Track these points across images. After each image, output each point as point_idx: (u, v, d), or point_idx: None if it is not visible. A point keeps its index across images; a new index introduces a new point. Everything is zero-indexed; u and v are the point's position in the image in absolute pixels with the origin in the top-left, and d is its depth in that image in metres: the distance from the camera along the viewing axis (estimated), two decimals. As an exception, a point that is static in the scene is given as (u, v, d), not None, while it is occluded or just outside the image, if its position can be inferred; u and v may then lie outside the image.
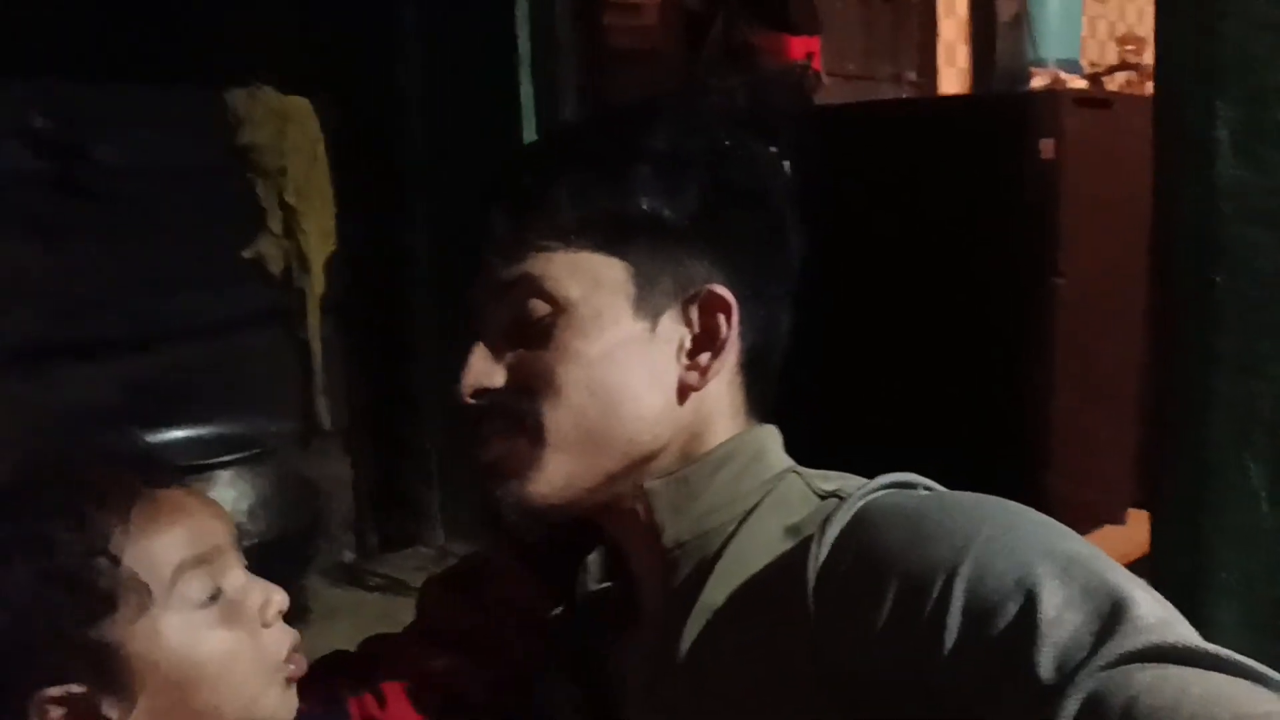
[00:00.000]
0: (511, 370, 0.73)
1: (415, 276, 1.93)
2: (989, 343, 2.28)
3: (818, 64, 2.67)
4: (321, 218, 1.91)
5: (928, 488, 0.71)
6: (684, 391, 0.74)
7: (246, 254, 1.80)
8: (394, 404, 1.99)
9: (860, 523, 0.65)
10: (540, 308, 0.72)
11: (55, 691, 0.65)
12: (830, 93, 2.75)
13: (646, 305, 0.73)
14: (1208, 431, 0.93)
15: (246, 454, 1.58)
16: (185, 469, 1.55)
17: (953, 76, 3.44)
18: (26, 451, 0.74)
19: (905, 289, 2.31)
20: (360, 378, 2.01)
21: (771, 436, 0.78)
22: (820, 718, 0.63)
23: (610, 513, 0.75)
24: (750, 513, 0.73)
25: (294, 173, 1.84)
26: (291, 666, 0.72)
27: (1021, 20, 3.18)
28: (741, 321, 0.74)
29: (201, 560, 0.69)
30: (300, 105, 1.83)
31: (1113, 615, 0.55)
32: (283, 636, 0.72)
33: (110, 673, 0.66)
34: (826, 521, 0.66)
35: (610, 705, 0.77)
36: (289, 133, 1.84)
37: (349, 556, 1.82)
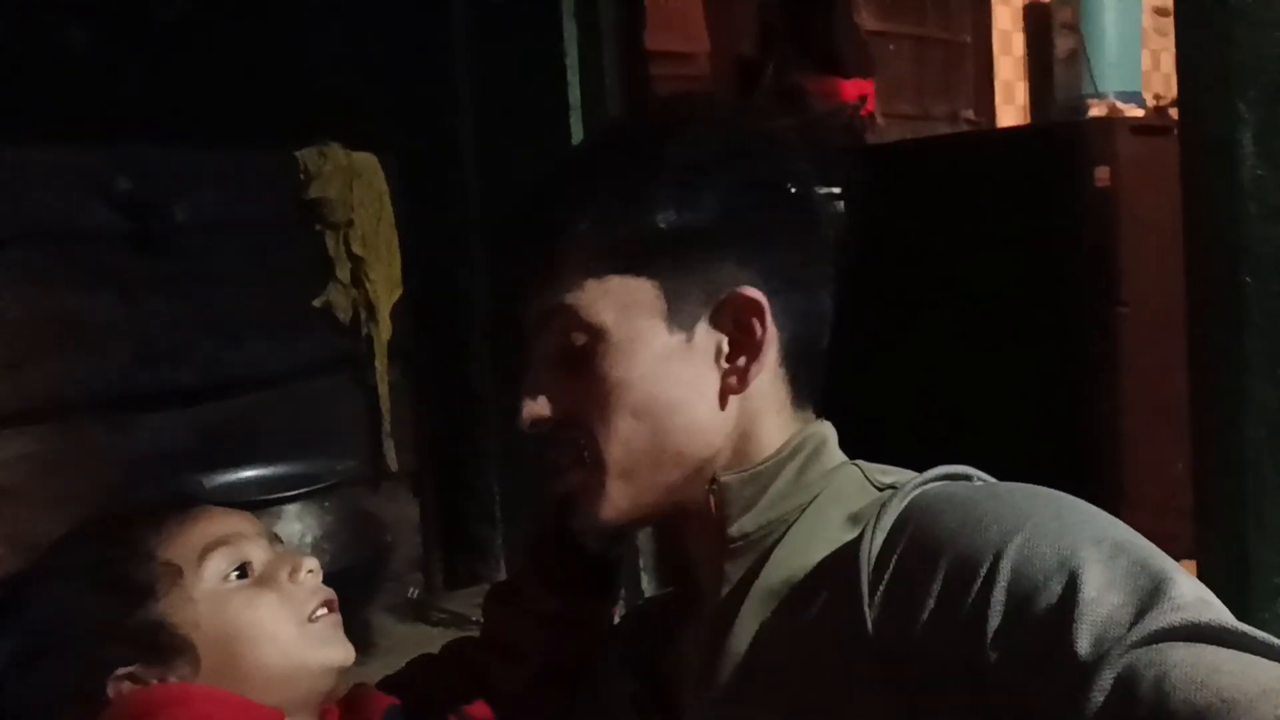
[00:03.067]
0: (560, 400, 0.75)
1: (475, 321, 1.99)
2: (1054, 375, 2.25)
3: (871, 106, 2.70)
4: (388, 267, 1.98)
5: (981, 479, 0.73)
6: (726, 396, 0.75)
7: (316, 303, 1.87)
8: (457, 446, 2.04)
9: (914, 510, 0.67)
10: (579, 337, 0.74)
11: (123, 671, 0.76)
12: (886, 134, 2.77)
13: (679, 318, 0.74)
14: (1242, 433, 0.92)
15: (314, 489, 1.62)
16: (257, 503, 1.61)
17: (1011, 114, 3.44)
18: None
19: (968, 324, 2.30)
20: (425, 421, 2.07)
21: (830, 431, 0.79)
22: (874, 702, 0.64)
23: (677, 513, 0.77)
24: (810, 504, 0.74)
25: (361, 224, 1.92)
26: (323, 610, 0.81)
27: (1078, 55, 3.17)
28: (777, 315, 0.75)
29: (224, 541, 0.80)
30: (367, 160, 1.92)
31: (1151, 595, 0.56)
32: (314, 593, 0.81)
33: (163, 646, 0.77)
34: (882, 509, 0.68)
35: (668, 698, 0.78)
36: (356, 187, 1.92)
37: (415, 594, 1.86)
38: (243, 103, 1.71)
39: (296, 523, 1.49)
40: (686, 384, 0.75)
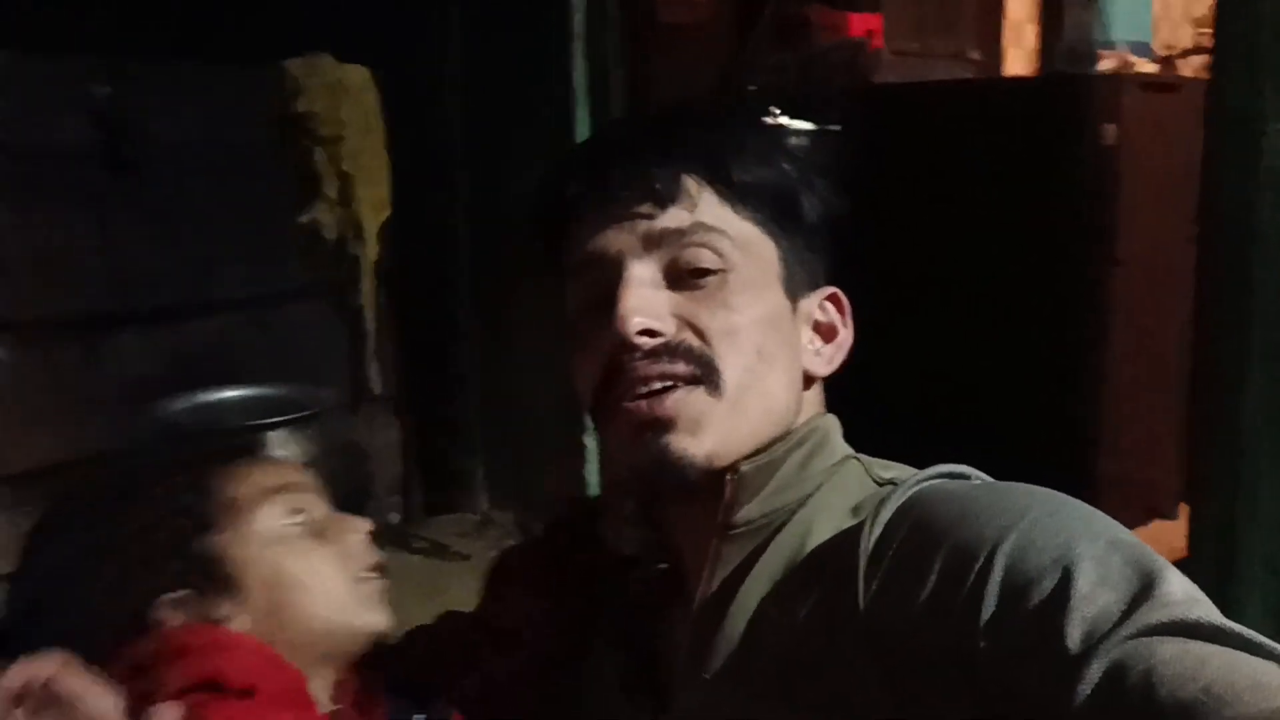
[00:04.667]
0: (676, 318, 0.72)
1: (458, 247, 1.95)
2: (1044, 329, 2.24)
3: (879, 41, 2.63)
4: (376, 186, 1.93)
5: (980, 478, 0.73)
6: (808, 377, 0.77)
7: (302, 220, 1.82)
8: (439, 372, 2.01)
9: (913, 504, 0.68)
10: (710, 259, 0.73)
11: (172, 595, 0.77)
12: (891, 71, 2.71)
13: (790, 288, 0.76)
14: (1242, 419, 0.91)
15: (297, 416, 1.61)
16: (237, 430, 1.59)
17: (1019, 57, 3.37)
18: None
19: (961, 273, 2.28)
20: (407, 348, 2.04)
21: (835, 424, 0.80)
22: (866, 688, 0.65)
23: (695, 490, 0.74)
24: (812, 494, 0.74)
25: (350, 141, 1.86)
26: (372, 573, 0.82)
27: (1090, 0, 3.10)
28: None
29: (282, 489, 0.82)
30: (358, 74, 1.85)
31: (1142, 591, 0.56)
32: (366, 554, 0.82)
33: (215, 578, 0.78)
34: (882, 502, 0.68)
35: (657, 678, 0.78)
36: (346, 101, 1.86)
37: (395, 519, 1.85)
38: (227, 11, 1.64)
39: (280, 450, 1.48)
40: (790, 349, 0.76)
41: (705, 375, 0.71)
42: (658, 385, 0.71)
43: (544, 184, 0.77)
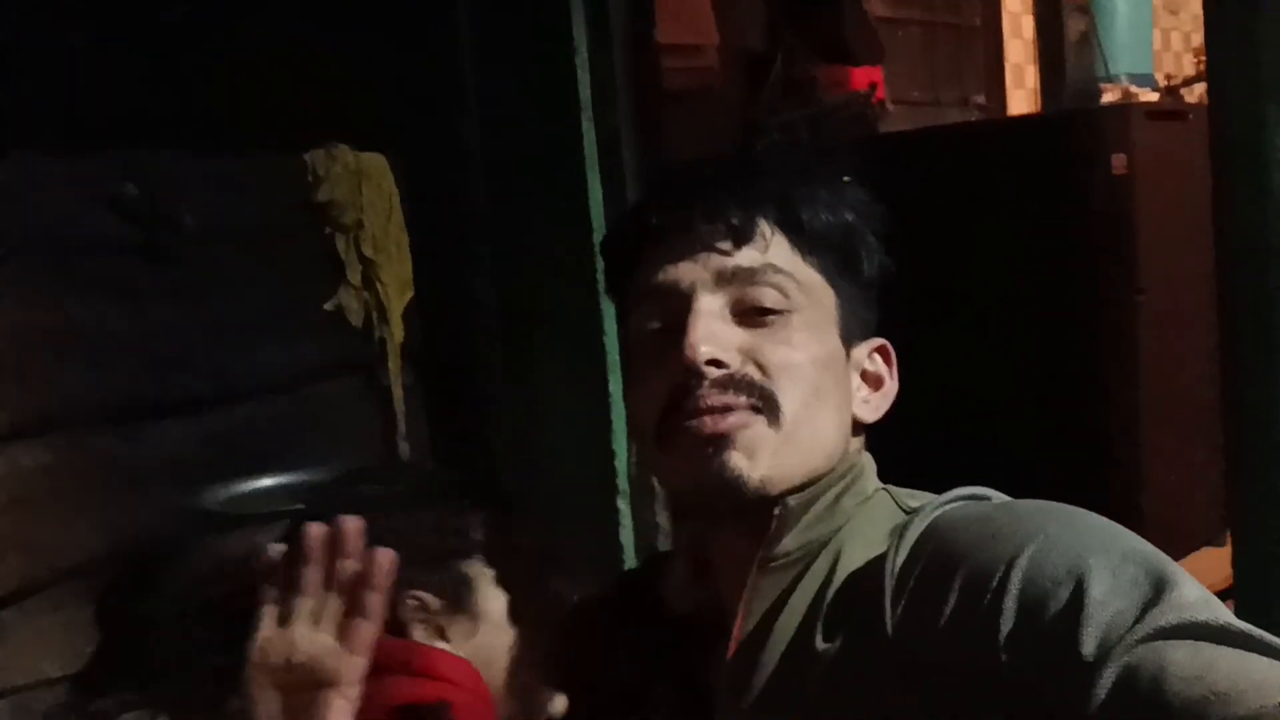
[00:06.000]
0: (740, 351, 0.76)
1: (484, 323, 1.98)
2: (1073, 363, 2.23)
3: (881, 93, 2.67)
4: (399, 268, 1.97)
5: (1000, 499, 0.76)
6: (855, 423, 0.81)
7: (328, 306, 1.86)
8: (469, 449, 2.02)
9: (935, 529, 0.71)
10: (776, 298, 0.77)
11: (420, 595, 0.84)
12: (896, 120, 2.74)
13: (844, 335, 0.81)
14: (1276, 435, 0.91)
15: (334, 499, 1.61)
16: (271, 515, 1.60)
17: (1022, 98, 3.40)
18: None
19: (986, 312, 2.28)
20: (437, 423, 2.05)
21: (870, 462, 0.84)
22: (897, 710, 0.67)
23: (742, 519, 0.78)
24: (844, 527, 0.77)
25: (371, 226, 1.91)
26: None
27: (1090, 37, 3.14)
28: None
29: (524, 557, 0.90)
30: (375, 161, 1.90)
31: (1154, 597, 0.58)
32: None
33: (460, 600, 0.84)
34: (905, 529, 0.71)
35: (703, 706, 0.80)
36: (365, 188, 1.91)
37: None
38: (248, 105, 1.69)
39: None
40: (842, 392, 0.80)
41: (766, 406, 0.75)
42: (719, 404, 0.74)
43: (625, 213, 0.83)
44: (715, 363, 0.75)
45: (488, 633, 0.84)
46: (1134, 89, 2.85)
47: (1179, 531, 2.16)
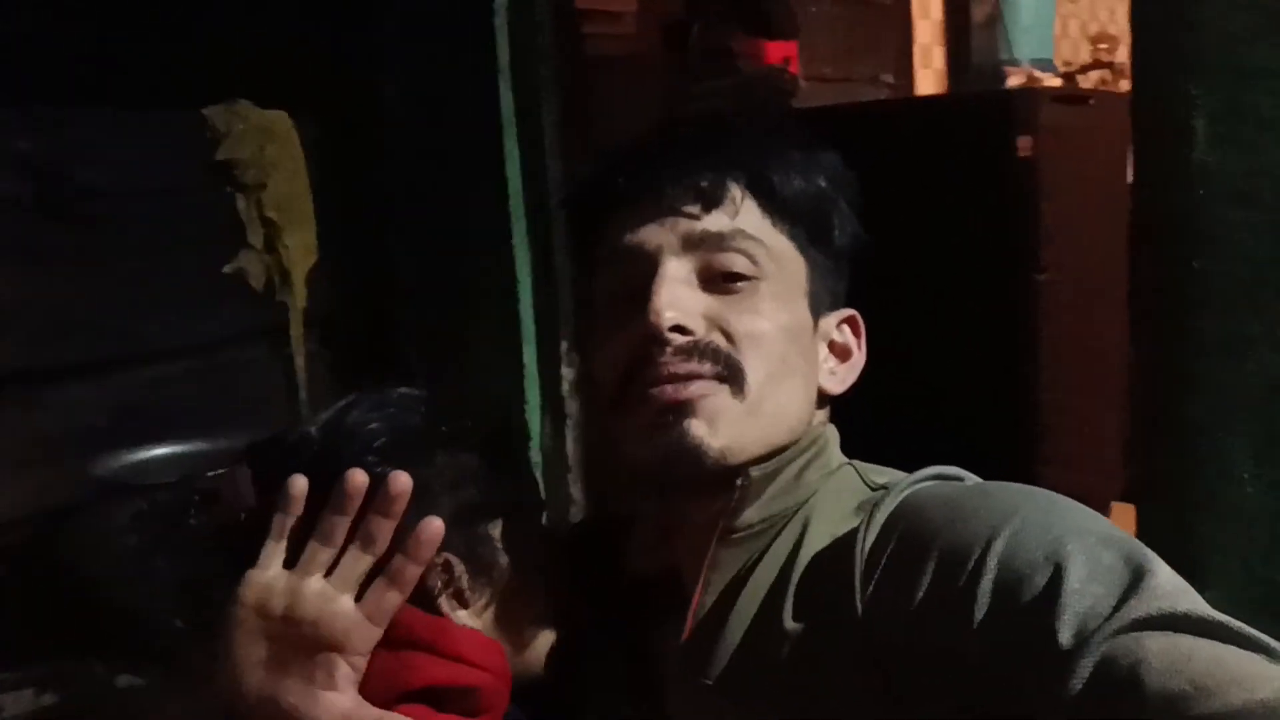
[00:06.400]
0: (705, 318, 0.74)
1: (398, 289, 1.93)
2: (975, 340, 2.29)
3: (795, 68, 2.69)
4: (303, 232, 1.91)
5: (972, 480, 0.76)
6: (821, 395, 0.80)
7: (228, 269, 1.79)
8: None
9: (906, 508, 0.70)
10: (745, 265, 0.75)
11: (449, 557, 0.77)
12: (808, 96, 2.76)
13: (812, 304, 0.79)
14: (1191, 414, 0.94)
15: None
16: (170, 484, 1.55)
17: (929, 78, 3.47)
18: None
19: (890, 288, 2.32)
20: (346, 392, 2.00)
21: (835, 434, 0.83)
22: (864, 691, 0.66)
23: (702, 490, 0.76)
24: (808, 500, 0.76)
25: (275, 187, 1.84)
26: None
27: (995, 21, 3.21)
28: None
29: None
30: (280, 120, 1.83)
31: (1131, 585, 0.58)
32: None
33: (483, 563, 0.77)
34: (875, 507, 0.70)
35: (654, 684, 0.79)
36: (269, 147, 1.84)
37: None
38: (148, 58, 1.61)
39: (218, 504, 1.44)
40: (809, 363, 0.78)
41: (730, 376, 0.73)
42: (683, 371, 0.73)
43: (592, 173, 0.79)
44: (679, 329, 0.73)
45: (501, 595, 0.78)
46: (1037, 73, 2.93)
47: (1084, 498, 2.25)
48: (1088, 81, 3.50)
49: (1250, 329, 0.91)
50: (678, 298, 0.73)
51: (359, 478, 0.70)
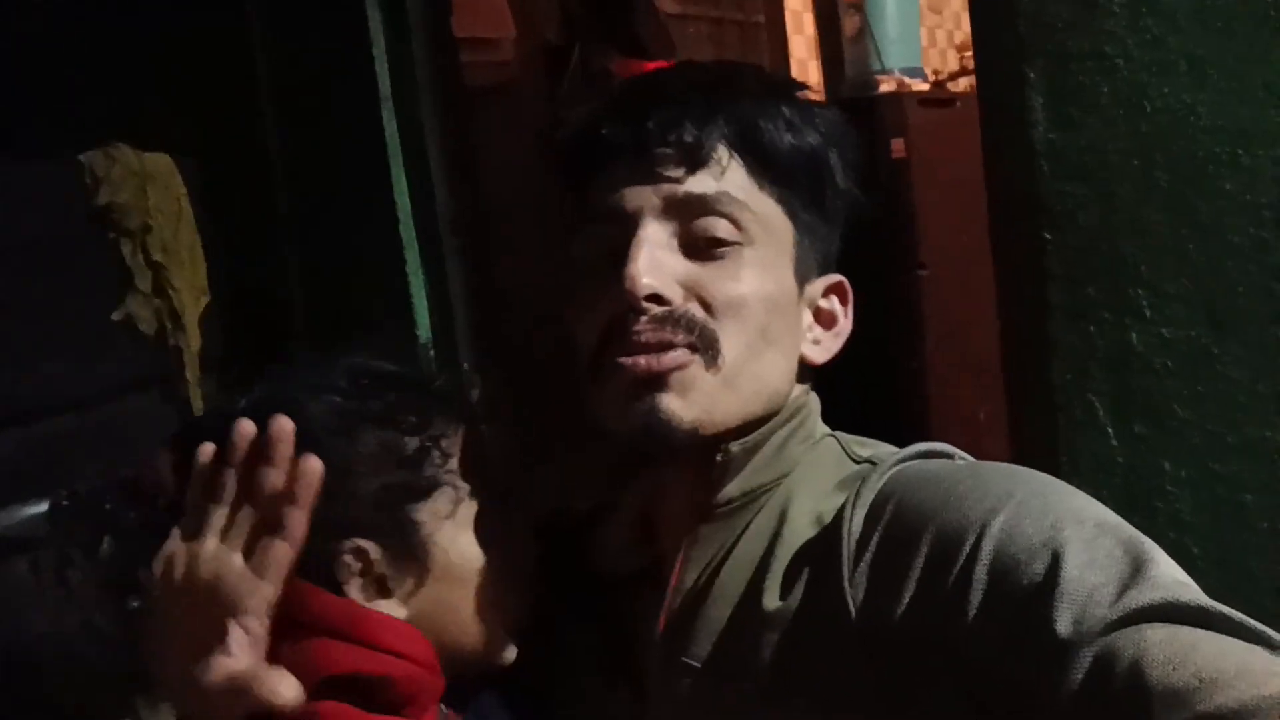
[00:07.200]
0: (682, 285, 0.71)
1: (292, 327, 1.92)
2: (863, 335, 2.35)
3: (676, 87, 2.74)
4: (192, 274, 1.88)
5: (962, 457, 0.74)
6: (804, 362, 0.77)
7: (115, 316, 1.76)
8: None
9: (894, 487, 0.67)
10: (728, 229, 0.71)
11: (360, 543, 0.71)
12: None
13: (799, 271, 0.75)
14: (1051, 378, 0.99)
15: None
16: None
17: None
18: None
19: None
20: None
21: (817, 404, 0.80)
22: (855, 678, 0.64)
23: (680, 463, 0.73)
24: (789, 474, 0.74)
25: (159, 230, 1.81)
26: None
27: (864, 34, 3.32)
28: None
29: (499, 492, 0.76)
30: (161, 162, 1.81)
31: (1131, 575, 0.56)
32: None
33: (407, 548, 0.72)
34: (861, 485, 0.68)
35: (630, 657, 0.76)
36: (151, 190, 1.82)
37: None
38: (18, 105, 1.58)
39: (118, 551, 1.41)
40: (791, 333, 0.75)
41: (705, 347, 0.70)
42: (657, 341, 0.70)
43: (577, 125, 0.75)
44: (655, 298, 0.69)
45: (436, 584, 0.73)
46: (907, 80, 3.04)
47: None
48: (957, 87, 3.64)
49: (1089, 294, 0.97)
50: (656, 263, 0.69)
51: (245, 427, 0.66)
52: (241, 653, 0.63)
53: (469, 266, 1.71)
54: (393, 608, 0.73)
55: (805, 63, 3.63)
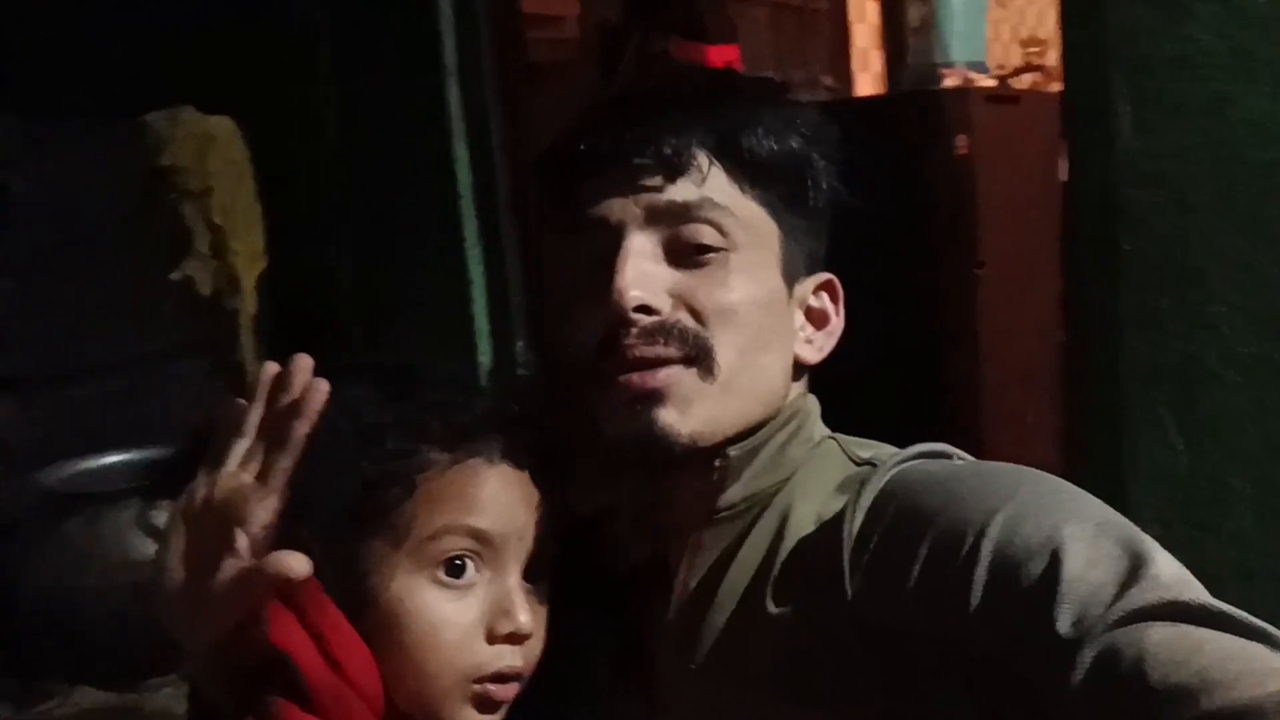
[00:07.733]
0: (672, 295, 0.71)
1: (340, 298, 1.92)
2: (918, 333, 2.33)
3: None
4: (250, 238, 1.89)
5: (961, 457, 0.73)
6: (798, 363, 0.76)
7: (174, 276, 1.78)
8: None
9: (895, 487, 0.67)
10: (713, 236, 0.71)
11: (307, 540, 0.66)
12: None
13: (786, 272, 0.75)
14: (1120, 384, 0.97)
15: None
16: (115, 493, 1.52)
17: (867, 81, 3.52)
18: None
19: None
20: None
21: (815, 405, 0.79)
22: (857, 678, 0.64)
23: (682, 471, 0.73)
24: (790, 478, 0.74)
25: (220, 193, 1.83)
26: (490, 688, 0.70)
27: (929, 25, 3.27)
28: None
29: (471, 535, 0.70)
30: (224, 125, 1.82)
31: (1132, 574, 0.56)
32: (500, 658, 0.70)
33: (358, 585, 0.68)
34: (862, 486, 0.68)
35: (642, 671, 0.76)
36: (212, 153, 1.83)
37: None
38: (87, 66, 1.60)
39: (163, 513, 1.42)
40: (783, 335, 0.75)
41: (699, 357, 0.70)
42: (650, 356, 0.69)
43: (559, 138, 0.75)
44: (645, 309, 0.70)
45: (365, 623, 0.68)
46: (971, 75, 2.99)
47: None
48: (1020, 84, 3.58)
49: (1161, 304, 0.95)
50: (643, 274, 0.70)
51: (270, 367, 0.67)
52: (247, 552, 0.63)
53: (527, 246, 1.70)
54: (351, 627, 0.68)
55: (867, 52, 3.58)
